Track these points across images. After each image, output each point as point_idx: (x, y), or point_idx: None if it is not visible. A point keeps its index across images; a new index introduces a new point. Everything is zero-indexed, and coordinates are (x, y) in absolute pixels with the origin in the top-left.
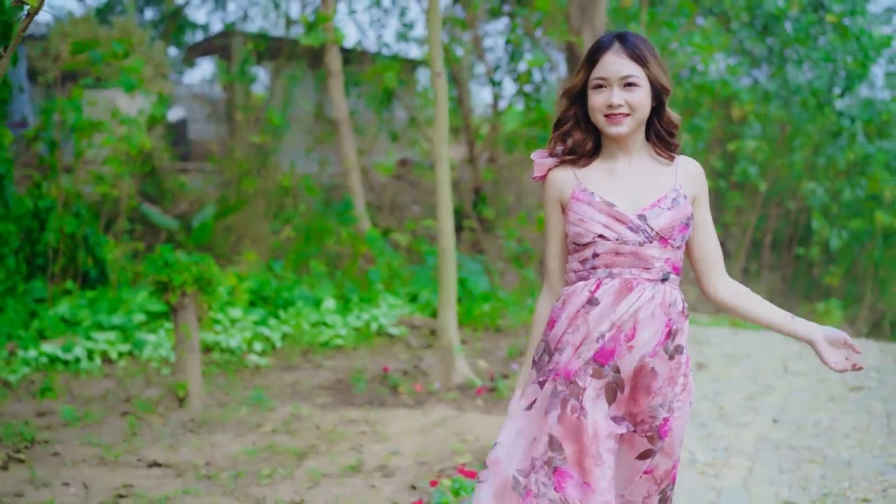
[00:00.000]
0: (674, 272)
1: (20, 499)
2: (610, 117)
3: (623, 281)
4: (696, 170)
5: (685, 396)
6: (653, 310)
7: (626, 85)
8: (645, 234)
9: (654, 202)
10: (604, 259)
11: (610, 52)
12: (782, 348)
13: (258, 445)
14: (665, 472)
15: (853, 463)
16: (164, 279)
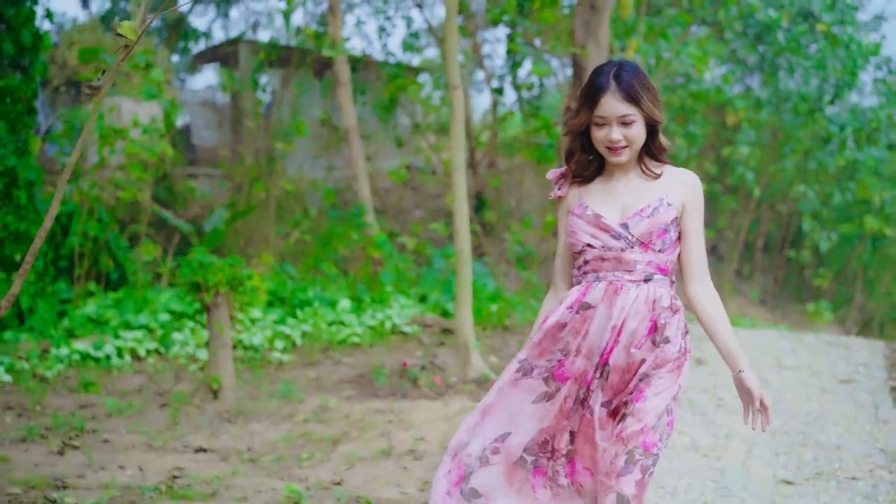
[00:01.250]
0: (658, 272)
1: (82, 480)
2: (611, 149)
3: (608, 283)
4: (691, 181)
5: (670, 378)
6: (637, 307)
7: (623, 123)
8: (626, 241)
9: (637, 211)
10: (592, 265)
11: (608, 94)
12: (776, 345)
13: (293, 433)
14: (633, 432)
15: (843, 447)
16: (199, 280)
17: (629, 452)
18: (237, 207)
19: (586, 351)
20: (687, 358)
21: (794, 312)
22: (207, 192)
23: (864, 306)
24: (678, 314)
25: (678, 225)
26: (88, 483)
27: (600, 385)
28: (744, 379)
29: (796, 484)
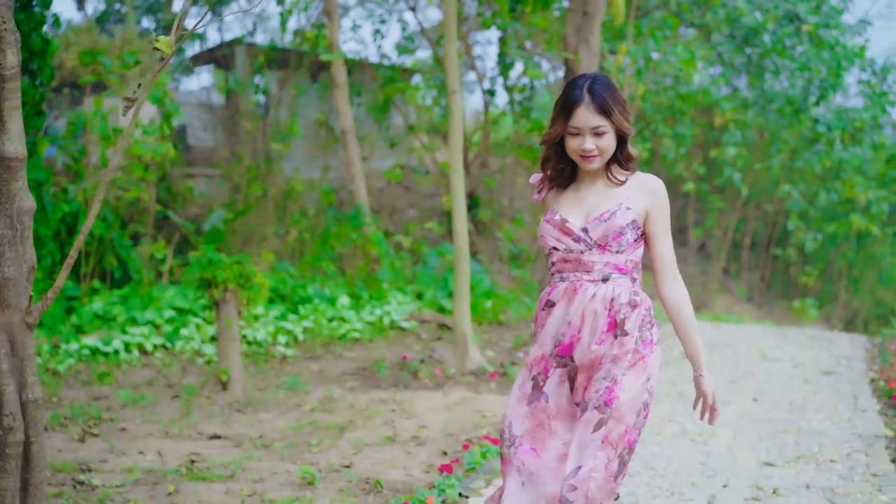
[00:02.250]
0: (616, 272)
1: (105, 464)
2: (584, 157)
3: (569, 283)
4: (652, 186)
5: (635, 372)
6: (594, 306)
7: (595, 133)
8: (585, 244)
9: (597, 216)
10: (557, 266)
11: (582, 107)
12: (761, 339)
13: (301, 421)
14: (619, 435)
15: (823, 433)
16: (209, 276)
17: (620, 455)
18: (235, 207)
19: (541, 340)
20: (652, 349)
21: (780, 310)
22: (205, 192)
23: (848, 304)
24: (637, 309)
25: (638, 227)
26: (111, 467)
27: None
28: (702, 383)
29: (778, 465)
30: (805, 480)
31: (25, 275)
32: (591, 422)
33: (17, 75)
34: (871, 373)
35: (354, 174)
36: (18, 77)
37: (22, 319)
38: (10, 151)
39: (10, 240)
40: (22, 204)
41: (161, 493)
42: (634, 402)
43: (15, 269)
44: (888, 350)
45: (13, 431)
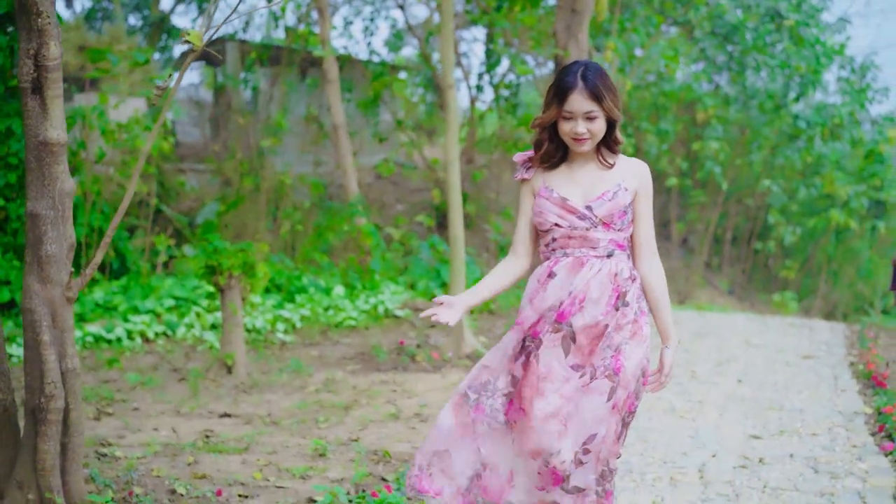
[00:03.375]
0: (618, 249)
1: (123, 440)
2: (576, 140)
3: (575, 258)
4: (641, 169)
5: (636, 341)
6: (601, 279)
7: (587, 118)
8: (591, 221)
9: (600, 195)
10: (559, 242)
11: (575, 92)
12: (744, 327)
13: (307, 401)
14: (623, 401)
15: (805, 410)
16: (214, 263)
17: (623, 420)
18: (227, 201)
19: (538, 304)
20: (646, 320)
21: (761, 303)
22: (196, 187)
23: (828, 297)
24: (636, 282)
25: (631, 208)
26: (130, 442)
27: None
28: (666, 354)
29: (763, 438)
30: (789, 451)
31: (66, 252)
32: (604, 391)
33: (58, 66)
34: (850, 357)
35: (346, 168)
36: (60, 68)
37: (62, 294)
38: (52, 137)
39: (52, 219)
40: (63, 186)
41: (181, 463)
42: (636, 370)
43: (56, 247)
44: (867, 336)
45: (54, 398)
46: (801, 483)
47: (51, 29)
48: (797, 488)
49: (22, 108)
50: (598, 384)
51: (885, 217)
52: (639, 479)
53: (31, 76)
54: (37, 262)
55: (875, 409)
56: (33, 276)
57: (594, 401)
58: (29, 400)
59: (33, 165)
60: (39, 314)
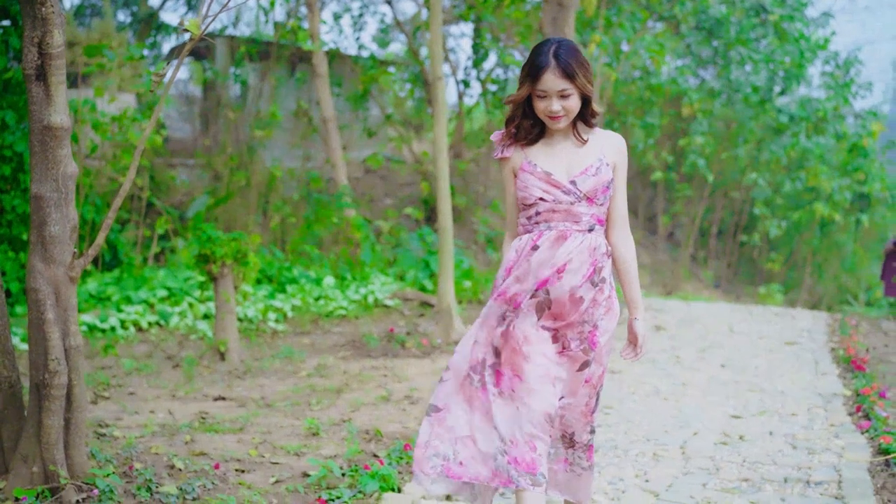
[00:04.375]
0: (598, 224)
1: (121, 421)
2: (552, 118)
3: (558, 231)
4: (620, 144)
5: (609, 317)
6: (581, 252)
7: (561, 96)
8: (575, 196)
9: (583, 170)
10: (544, 216)
11: (548, 71)
12: (728, 315)
13: (300, 385)
14: (597, 377)
15: (785, 392)
16: (208, 252)
17: (597, 393)
18: (218, 194)
19: (522, 277)
20: (615, 296)
21: (746, 295)
22: (186, 181)
23: (812, 289)
24: (610, 259)
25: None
26: (127, 423)
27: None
28: (636, 326)
29: (744, 418)
30: (769, 429)
31: (69, 234)
32: (577, 361)
33: (62, 53)
34: (831, 343)
35: (336, 162)
36: (63, 55)
37: (65, 273)
38: (56, 122)
39: (56, 201)
40: (66, 169)
41: (179, 441)
42: (608, 345)
43: (59, 228)
44: (848, 324)
45: (58, 375)
46: (779, 458)
47: (54, 17)
48: (775, 462)
49: (27, 94)
50: (573, 354)
51: (868, 210)
52: (623, 455)
53: (35, 63)
54: (40, 242)
55: (854, 391)
56: (37, 257)
57: (567, 368)
58: (33, 376)
59: (37, 149)
60: (43, 293)
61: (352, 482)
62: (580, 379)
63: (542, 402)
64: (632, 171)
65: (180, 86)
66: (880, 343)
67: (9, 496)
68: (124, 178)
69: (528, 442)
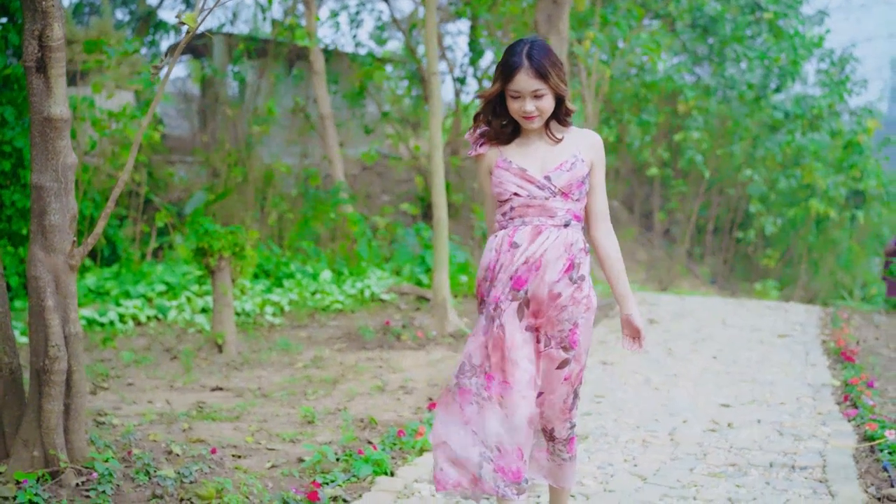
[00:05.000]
0: (574, 219)
1: (119, 410)
2: (526, 118)
3: (534, 227)
4: (596, 141)
5: (588, 314)
6: (556, 247)
7: (535, 96)
8: (550, 191)
9: (558, 166)
10: (518, 211)
11: (521, 72)
12: (722, 308)
13: (296, 376)
14: (576, 375)
15: (776, 383)
16: (205, 245)
17: (575, 391)
18: (216, 191)
19: (502, 279)
20: (594, 293)
21: (742, 292)
22: (185, 178)
23: (808, 286)
24: (588, 255)
25: (588, 179)
26: (126, 413)
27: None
28: (633, 320)
29: (734, 407)
30: (757, 417)
31: (68, 223)
32: (556, 359)
33: (62, 46)
34: (822, 336)
35: (333, 158)
36: (63, 48)
37: (65, 262)
38: (56, 113)
39: (56, 191)
40: (66, 160)
41: (177, 429)
42: (586, 343)
43: (59, 218)
44: (840, 317)
45: (58, 360)
46: (766, 444)
47: (55, 11)
48: (762, 448)
49: (27, 86)
50: (551, 351)
51: (863, 207)
52: (612, 441)
53: (35, 56)
54: (41, 231)
55: (843, 381)
56: (38, 245)
57: (543, 364)
58: (34, 363)
59: (38, 140)
60: (44, 281)
61: (346, 467)
62: (559, 377)
63: (528, 407)
64: (627, 167)
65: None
66: (871, 336)
67: (10, 479)
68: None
69: (516, 450)
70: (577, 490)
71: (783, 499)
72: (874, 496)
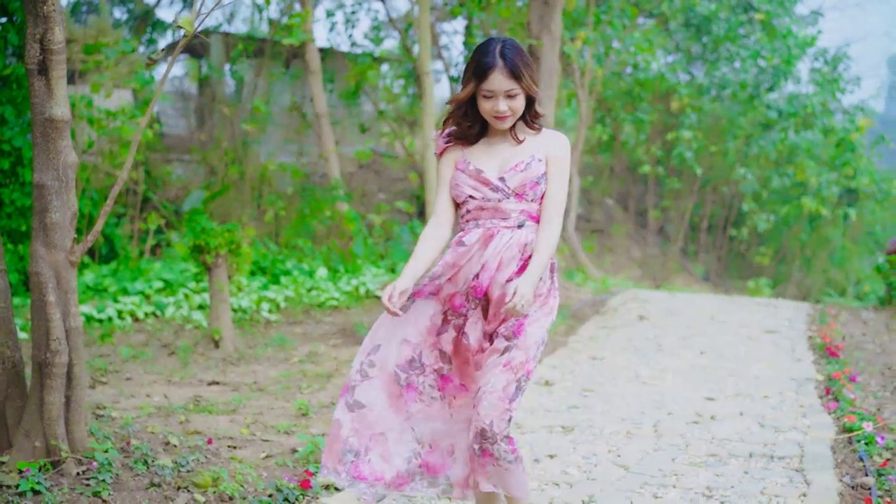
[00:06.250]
0: (530, 220)
1: (118, 404)
2: (497, 118)
3: (486, 229)
4: (557, 139)
5: (543, 310)
6: (511, 248)
7: (508, 96)
8: (503, 193)
9: (513, 166)
10: (473, 213)
11: (496, 71)
12: (711, 304)
13: (291, 371)
14: (519, 363)
15: (761, 377)
16: (202, 242)
17: (518, 381)
18: (213, 189)
19: (453, 278)
20: (555, 293)
21: (736, 289)
22: (182, 176)
23: (801, 283)
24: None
25: (545, 179)
26: (124, 406)
27: (478, 316)
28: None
29: (718, 400)
30: (741, 409)
31: (69, 220)
32: (498, 349)
33: (63, 49)
34: (809, 332)
35: (328, 156)
36: (64, 51)
37: (66, 258)
38: (57, 114)
39: (57, 190)
40: (67, 159)
41: (174, 422)
42: (538, 336)
43: (60, 215)
44: (828, 313)
45: (59, 354)
46: (746, 436)
47: (56, 15)
48: (742, 440)
49: (29, 88)
50: (496, 343)
51: (856, 205)
52: (598, 433)
53: (37, 59)
54: (42, 229)
55: (826, 376)
56: (39, 242)
57: (489, 355)
58: (35, 356)
59: (39, 141)
60: (45, 276)
61: None
62: (499, 363)
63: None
64: (622, 165)
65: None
66: (858, 331)
67: (13, 469)
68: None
69: (448, 449)
70: (561, 479)
71: (760, 487)
72: (848, 485)
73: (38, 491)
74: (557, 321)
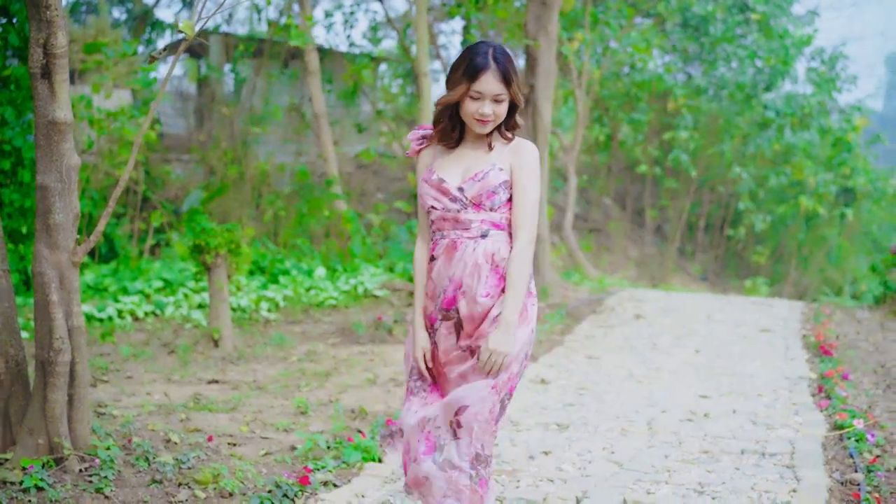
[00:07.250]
0: (494, 228)
1: (119, 402)
2: (480, 121)
3: (450, 241)
4: (521, 147)
5: (522, 325)
6: (476, 260)
7: (495, 100)
8: (461, 203)
9: (472, 176)
10: (437, 224)
11: (488, 73)
12: (707, 304)
13: (290, 370)
14: (503, 383)
15: (755, 375)
16: (201, 242)
17: (502, 401)
18: (212, 189)
19: (431, 293)
20: (533, 301)
21: (733, 288)
22: (181, 176)
23: (798, 282)
24: None
25: (509, 187)
26: (126, 404)
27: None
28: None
29: (712, 398)
30: (734, 407)
31: (72, 221)
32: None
33: (65, 53)
34: (804, 331)
35: (327, 156)
36: (66, 55)
37: (69, 259)
38: (60, 117)
39: (60, 191)
40: (70, 161)
41: (175, 419)
42: (520, 353)
43: (63, 217)
44: (822, 312)
45: (62, 352)
46: (739, 433)
47: (58, 20)
48: (735, 437)
49: (32, 91)
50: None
51: (853, 204)
52: (592, 431)
53: (40, 63)
54: (45, 230)
55: (819, 374)
56: (42, 243)
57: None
58: (39, 354)
59: (42, 143)
60: (48, 277)
61: (336, 454)
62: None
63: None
64: (619, 165)
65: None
66: (852, 330)
67: (16, 466)
68: (120, 173)
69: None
70: (555, 475)
71: (751, 483)
72: (838, 481)
73: (42, 487)
74: (554, 320)
